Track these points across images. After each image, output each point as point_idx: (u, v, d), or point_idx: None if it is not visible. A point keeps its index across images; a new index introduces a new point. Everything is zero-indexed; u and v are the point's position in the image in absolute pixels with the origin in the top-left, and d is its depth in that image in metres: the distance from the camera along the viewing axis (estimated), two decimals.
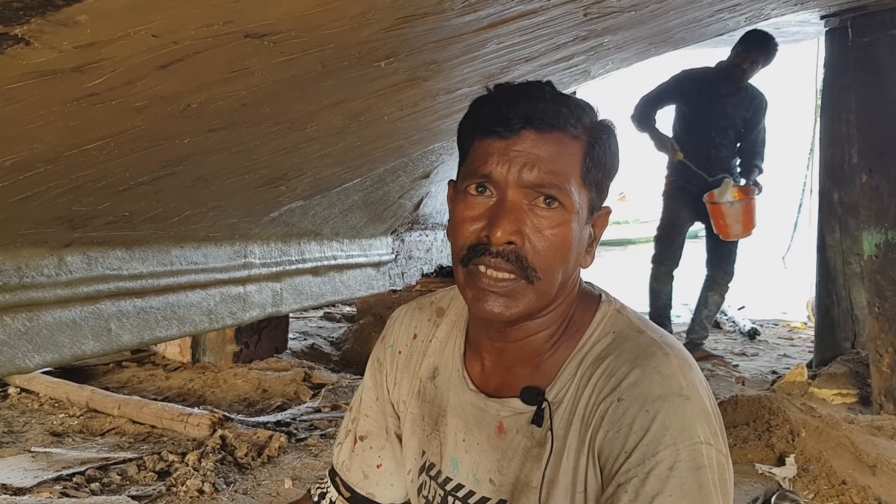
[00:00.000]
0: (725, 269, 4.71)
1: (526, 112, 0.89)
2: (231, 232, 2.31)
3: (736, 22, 3.19)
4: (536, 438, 0.94)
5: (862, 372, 3.95)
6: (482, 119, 0.92)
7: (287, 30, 1.05)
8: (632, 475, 0.83)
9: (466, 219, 0.91)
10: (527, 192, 0.88)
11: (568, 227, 0.89)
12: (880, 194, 3.62)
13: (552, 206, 0.89)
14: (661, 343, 0.92)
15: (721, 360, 4.76)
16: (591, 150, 0.92)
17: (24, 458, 2.90)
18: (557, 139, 0.89)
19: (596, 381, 0.91)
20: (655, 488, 0.82)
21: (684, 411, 0.85)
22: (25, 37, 0.77)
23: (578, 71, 2.61)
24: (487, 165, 0.89)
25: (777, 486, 2.63)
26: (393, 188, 2.91)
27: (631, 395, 0.86)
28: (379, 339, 1.19)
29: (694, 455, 0.83)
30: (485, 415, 0.99)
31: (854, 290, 4.25)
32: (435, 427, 1.06)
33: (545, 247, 0.88)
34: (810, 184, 6.25)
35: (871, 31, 3.71)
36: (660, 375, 0.87)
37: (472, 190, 0.91)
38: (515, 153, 0.88)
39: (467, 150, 0.94)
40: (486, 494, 0.98)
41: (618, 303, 1.00)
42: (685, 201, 4.66)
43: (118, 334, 1.95)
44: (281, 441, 3.05)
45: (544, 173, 0.88)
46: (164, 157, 1.46)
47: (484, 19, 1.40)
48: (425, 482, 1.07)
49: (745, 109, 4.56)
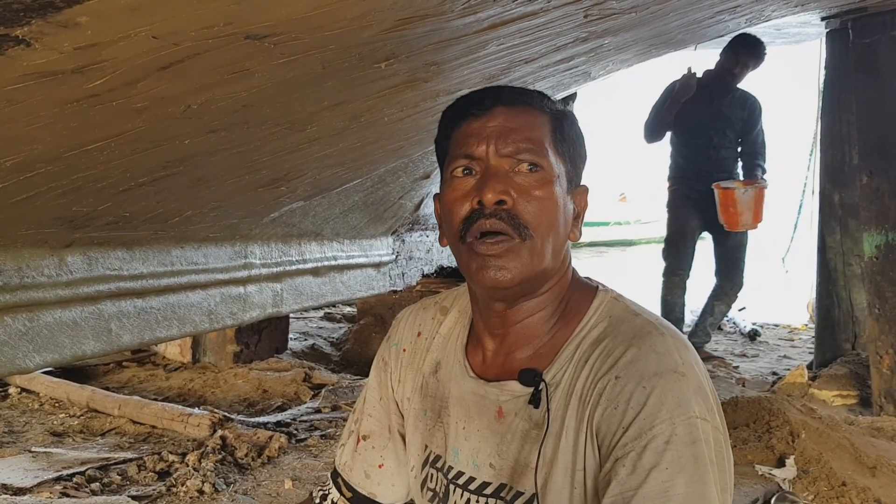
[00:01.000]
0: (734, 279, 4.67)
1: (496, 92, 0.99)
2: (231, 232, 2.31)
3: (737, 23, 3.19)
4: (534, 420, 0.95)
5: (862, 373, 3.95)
6: (456, 111, 1.01)
7: (288, 31, 1.05)
8: (629, 449, 0.85)
9: (457, 199, 0.97)
10: (508, 160, 0.95)
11: (551, 188, 0.96)
12: (881, 195, 3.62)
13: (534, 171, 0.95)
14: (656, 324, 0.95)
15: (721, 361, 4.75)
16: (559, 124, 1.00)
17: (25, 458, 2.90)
18: (526, 111, 0.98)
19: (594, 362, 0.93)
20: (652, 461, 0.83)
21: (680, 387, 0.87)
22: (26, 38, 0.77)
23: (579, 72, 2.61)
24: (468, 145, 0.97)
25: (777, 487, 2.63)
26: (393, 189, 2.91)
27: (628, 373, 0.88)
28: (384, 339, 1.22)
29: (690, 429, 0.84)
30: (485, 401, 1.01)
31: (854, 291, 4.25)
32: (438, 419, 1.07)
33: (534, 205, 0.94)
34: (811, 185, 6.24)
35: (871, 33, 3.71)
36: (656, 353, 0.89)
37: (458, 173, 0.97)
38: (491, 128, 0.96)
39: (446, 147, 1.01)
40: (487, 479, 0.99)
41: (614, 292, 1.03)
42: (692, 209, 4.63)
43: (119, 334, 1.95)
44: (281, 441, 3.05)
45: (520, 141, 0.95)
46: (165, 158, 1.46)
47: (484, 21, 1.40)
48: (431, 474, 1.08)
49: (740, 108, 4.57)
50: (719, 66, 4.44)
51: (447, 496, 1.04)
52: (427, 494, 1.08)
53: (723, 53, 4.42)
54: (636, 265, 4.57)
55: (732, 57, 4.35)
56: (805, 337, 5.83)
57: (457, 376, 1.06)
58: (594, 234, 14.16)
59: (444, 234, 1.03)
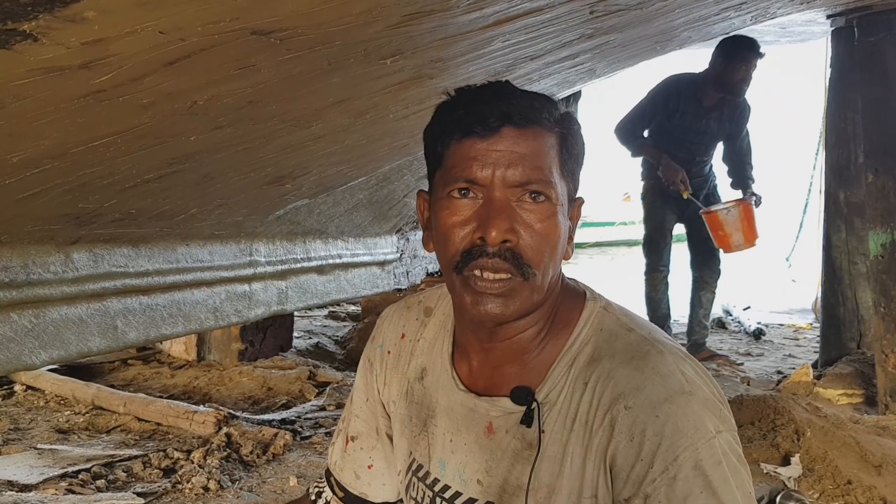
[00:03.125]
0: (712, 266, 4.66)
1: (503, 109, 0.88)
2: (237, 230, 2.31)
3: (742, 21, 3.18)
4: (527, 440, 0.93)
5: (867, 372, 3.94)
6: (456, 121, 0.91)
7: (293, 27, 1.05)
8: (659, 483, 0.83)
9: (455, 224, 0.90)
10: (514, 190, 0.88)
11: (555, 220, 0.90)
12: (886, 194, 3.61)
13: (538, 200, 0.89)
14: (651, 341, 0.92)
15: (726, 359, 4.74)
16: (565, 140, 0.93)
17: (30, 455, 2.91)
18: (536, 134, 0.90)
19: (594, 386, 0.90)
20: (685, 490, 0.82)
21: (692, 408, 0.85)
22: (33, 33, 0.77)
23: (584, 69, 2.61)
24: (471, 169, 0.88)
25: (782, 485, 2.63)
26: (398, 187, 2.91)
27: (637, 402, 0.86)
28: (370, 339, 1.19)
29: (711, 451, 0.84)
30: (474, 415, 0.98)
31: (860, 290, 4.24)
32: (423, 428, 1.05)
33: (537, 241, 0.89)
34: (817, 184, 6.22)
35: (877, 31, 3.69)
36: (660, 376, 0.87)
37: (455, 194, 0.90)
38: (498, 153, 0.88)
39: (441, 155, 0.93)
40: (474, 495, 0.97)
41: (603, 299, 1.00)
42: (667, 203, 4.55)
43: (124, 331, 1.96)
44: (286, 439, 3.05)
45: (529, 170, 0.88)
46: (171, 155, 1.46)
47: (490, 17, 1.40)
48: (413, 483, 1.06)
49: (727, 122, 4.41)
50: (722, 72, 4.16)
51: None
52: (410, 502, 1.07)
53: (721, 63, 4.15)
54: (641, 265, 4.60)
55: (739, 60, 4.09)
56: (810, 336, 5.81)
57: (444, 386, 1.03)
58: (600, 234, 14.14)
59: (433, 244, 0.96)
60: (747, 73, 4.18)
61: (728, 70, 4.16)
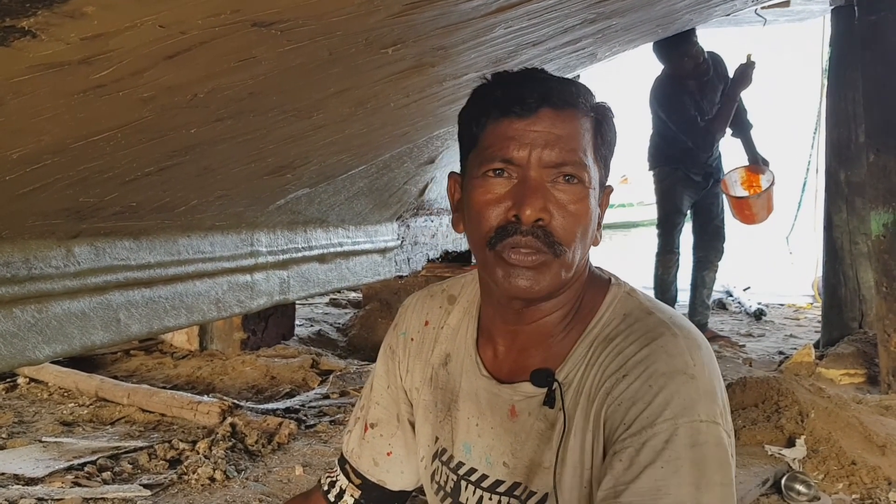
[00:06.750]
0: (717, 246, 4.75)
1: (542, 91, 0.91)
2: (238, 220, 2.30)
3: (743, 1, 3.16)
4: (550, 420, 0.94)
5: (869, 352, 3.95)
6: (495, 102, 0.93)
7: (294, 18, 1.04)
8: (627, 444, 0.84)
9: (490, 202, 0.92)
10: (549, 171, 0.90)
11: (587, 202, 0.92)
12: (888, 173, 3.60)
13: (572, 182, 0.91)
14: (669, 324, 0.92)
15: (727, 340, 4.76)
16: (600, 127, 0.95)
17: (35, 448, 2.92)
18: (572, 116, 0.92)
19: (603, 360, 0.91)
20: (649, 458, 0.82)
21: (688, 389, 0.85)
22: (32, 29, 0.76)
23: (585, 54, 2.59)
24: (508, 149, 0.90)
25: (787, 467, 2.64)
26: (398, 174, 2.90)
27: (636, 371, 0.87)
28: (391, 327, 1.20)
29: (692, 432, 0.83)
30: (497, 399, 1.00)
31: (861, 269, 4.24)
32: (447, 413, 1.06)
33: (569, 221, 0.90)
34: (815, 163, 6.21)
35: (877, 9, 3.67)
36: (667, 354, 0.87)
37: (490, 174, 0.92)
38: (536, 133, 0.90)
39: (477, 136, 0.95)
40: (500, 477, 0.99)
41: (627, 286, 1.01)
42: (686, 188, 4.66)
43: (127, 324, 1.95)
44: (291, 428, 3.06)
45: (565, 152, 0.90)
46: (171, 148, 1.45)
47: (492, 4, 1.38)
48: (438, 468, 1.07)
49: (715, 80, 4.53)
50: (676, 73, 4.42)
51: (458, 492, 1.03)
52: (433, 487, 1.08)
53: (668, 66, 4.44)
54: (641, 248, 4.55)
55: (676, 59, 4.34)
56: (810, 316, 5.82)
57: (468, 371, 1.05)
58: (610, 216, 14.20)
59: (463, 224, 0.99)
60: (693, 58, 4.36)
61: (677, 68, 4.41)
